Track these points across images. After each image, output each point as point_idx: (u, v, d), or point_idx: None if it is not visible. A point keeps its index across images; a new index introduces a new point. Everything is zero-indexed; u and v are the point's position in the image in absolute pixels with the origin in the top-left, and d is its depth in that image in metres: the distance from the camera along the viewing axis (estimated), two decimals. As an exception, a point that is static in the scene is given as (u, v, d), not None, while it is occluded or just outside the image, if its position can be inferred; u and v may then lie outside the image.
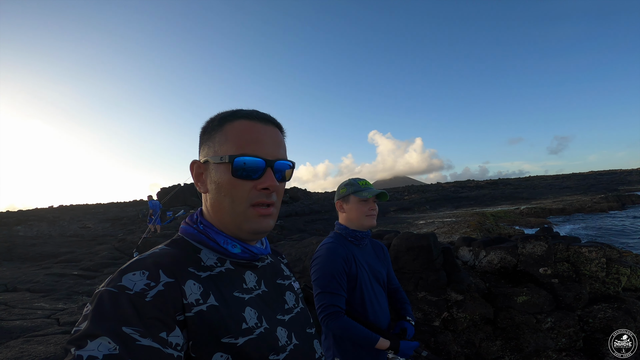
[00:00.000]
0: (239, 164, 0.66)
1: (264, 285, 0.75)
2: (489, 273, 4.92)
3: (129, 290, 0.53)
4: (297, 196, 37.04)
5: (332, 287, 1.48)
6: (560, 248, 4.91)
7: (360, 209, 1.64)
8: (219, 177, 0.68)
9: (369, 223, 1.65)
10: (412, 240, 4.48)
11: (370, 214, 1.64)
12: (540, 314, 3.73)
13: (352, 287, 1.56)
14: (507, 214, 21.39)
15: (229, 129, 0.69)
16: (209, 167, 0.71)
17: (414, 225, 18.58)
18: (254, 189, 0.68)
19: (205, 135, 0.73)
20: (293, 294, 0.83)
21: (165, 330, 0.53)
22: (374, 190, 1.64)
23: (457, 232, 14.23)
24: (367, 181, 1.71)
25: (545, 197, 34.77)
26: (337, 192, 1.75)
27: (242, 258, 0.73)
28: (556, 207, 24.38)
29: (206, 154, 0.72)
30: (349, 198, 1.68)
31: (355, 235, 1.66)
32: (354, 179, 1.71)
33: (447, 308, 3.48)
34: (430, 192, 46.49)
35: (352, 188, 1.67)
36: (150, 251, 0.64)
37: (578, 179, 64.00)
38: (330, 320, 1.44)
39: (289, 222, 18.41)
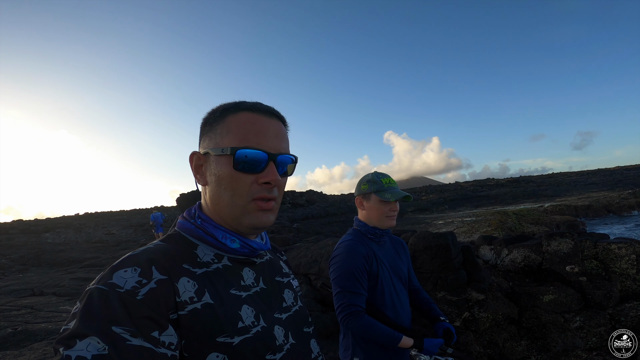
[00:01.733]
0: (241, 156, 0.64)
1: (262, 282, 0.73)
2: (512, 272, 4.75)
3: (120, 289, 0.51)
4: (313, 199, 37.07)
5: (352, 286, 1.43)
6: (588, 245, 4.69)
7: (381, 209, 1.57)
8: (219, 170, 0.66)
9: (389, 224, 1.59)
10: (429, 239, 4.38)
11: (391, 214, 1.58)
12: (568, 313, 3.56)
13: (373, 285, 1.51)
14: (530, 212, 20.66)
15: (231, 120, 0.67)
16: (209, 159, 0.69)
17: (433, 225, 18.22)
18: (255, 182, 0.66)
19: (207, 126, 0.71)
20: (292, 291, 0.80)
21: (158, 330, 0.51)
22: (398, 193, 1.56)
23: (478, 232, 13.86)
24: (390, 178, 1.62)
25: (570, 194, 33.41)
26: (358, 187, 1.67)
27: (241, 253, 0.71)
28: (582, 204, 23.37)
29: (206, 145, 0.70)
30: (370, 196, 1.60)
31: (375, 233, 1.60)
32: (377, 175, 1.62)
33: (468, 308, 3.37)
34: (448, 192, 45.53)
35: (374, 186, 1.59)
36: (144, 247, 0.62)
37: (604, 174, 61.28)
38: (350, 320, 1.40)
39: (306, 225, 18.42)
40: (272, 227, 13.84)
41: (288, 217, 23.47)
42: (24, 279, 7.90)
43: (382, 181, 1.59)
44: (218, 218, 0.70)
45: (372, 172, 1.69)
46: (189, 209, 0.74)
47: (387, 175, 1.63)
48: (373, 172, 1.66)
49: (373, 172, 1.66)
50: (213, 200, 0.69)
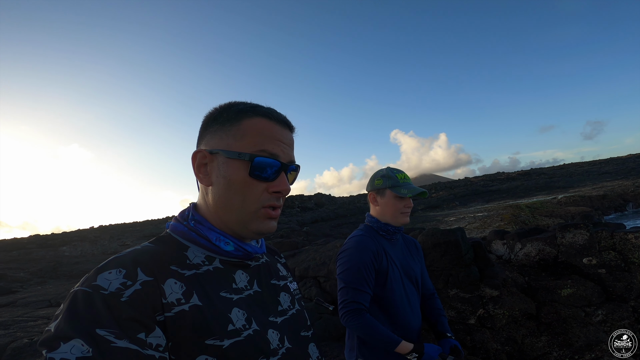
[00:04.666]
0: (258, 164, 0.65)
1: (256, 285, 0.71)
2: (527, 266, 4.63)
3: (104, 290, 0.51)
4: (321, 202, 37.04)
5: (357, 283, 1.38)
6: (604, 236, 4.55)
7: (395, 205, 1.52)
8: (232, 173, 0.66)
9: (403, 220, 1.54)
10: (438, 236, 4.30)
11: (405, 211, 1.53)
12: (588, 306, 3.44)
13: (381, 283, 1.45)
14: (543, 205, 20.23)
15: (247, 125, 0.67)
16: (217, 159, 0.67)
17: (444, 223, 17.98)
18: (266, 191, 0.67)
19: (215, 124, 0.69)
20: (288, 295, 0.78)
21: (144, 331, 0.50)
22: (414, 189, 1.51)
23: (490, 227, 13.62)
24: (405, 174, 1.57)
25: (583, 184, 32.67)
26: (371, 182, 1.61)
27: (234, 256, 0.69)
28: (596, 194, 22.80)
29: (215, 145, 0.68)
30: (384, 192, 1.55)
31: (387, 229, 1.55)
32: (391, 171, 1.57)
33: (482, 305, 3.28)
34: (458, 188, 44.98)
35: (389, 182, 1.54)
36: (131, 248, 0.61)
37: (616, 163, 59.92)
38: (349, 318, 1.36)
39: (315, 228, 18.39)
40: (282, 231, 13.90)
41: (297, 221, 23.48)
42: (42, 291, 8.04)
43: (398, 176, 1.54)
44: (217, 219, 0.68)
45: (385, 167, 1.63)
46: (182, 211, 0.72)
47: (401, 171, 1.58)
48: (387, 167, 1.61)
49: (387, 167, 1.61)
50: (219, 203, 0.68)
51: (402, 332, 1.42)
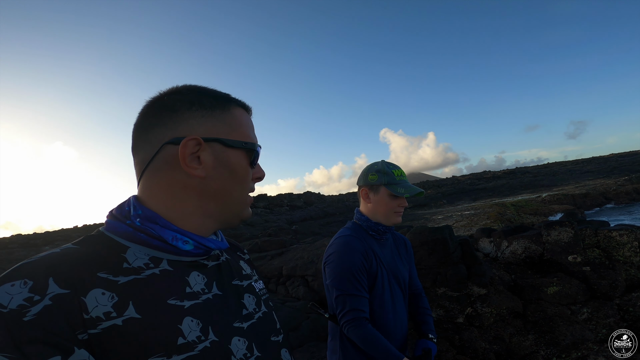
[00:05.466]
0: (257, 153, 0.66)
1: (215, 287, 0.62)
2: (513, 264, 4.65)
3: (3, 308, 0.41)
4: (310, 200, 36.99)
5: (353, 288, 1.29)
6: (588, 233, 4.61)
7: (389, 204, 1.41)
8: (236, 164, 0.63)
9: (395, 220, 1.44)
10: (425, 234, 4.27)
11: (399, 210, 1.43)
12: (574, 304, 3.46)
13: (370, 286, 1.37)
14: (528, 203, 20.65)
15: (238, 113, 0.66)
16: (214, 147, 0.61)
17: (432, 221, 18.15)
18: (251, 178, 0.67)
19: (201, 109, 0.61)
20: (253, 296, 0.69)
21: (59, 355, 0.41)
22: (412, 188, 1.40)
23: (477, 225, 13.79)
24: (401, 170, 1.45)
25: (566, 183, 33.52)
26: (364, 176, 1.48)
27: (194, 255, 0.60)
28: (579, 192, 23.41)
29: (209, 132, 0.61)
30: (378, 189, 1.42)
31: (377, 229, 1.44)
32: (387, 166, 1.44)
33: (470, 303, 3.26)
34: (446, 187, 45.61)
35: (385, 178, 1.41)
36: (46, 252, 0.51)
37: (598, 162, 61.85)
38: (351, 328, 1.26)
39: (304, 227, 18.31)
40: (270, 229, 13.80)
41: (286, 220, 23.37)
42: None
43: (394, 173, 1.42)
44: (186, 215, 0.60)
45: (380, 160, 1.50)
46: (120, 206, 0.61)
47: (397, 167, 1.45)
48: (382, 162, 1.48)
49: (382, 162, 1.48)
50: (218, 195, 0.62)
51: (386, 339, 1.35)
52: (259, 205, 31.00)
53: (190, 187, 0.60)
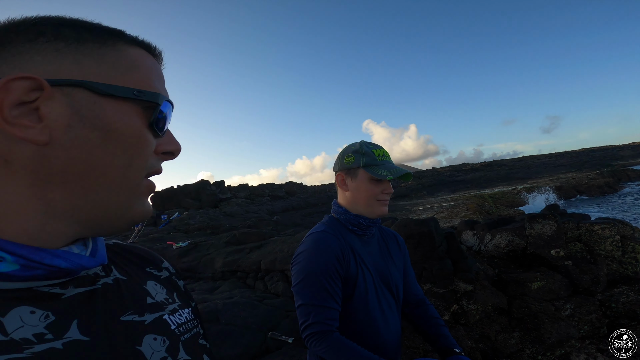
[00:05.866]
0: (163, 111, 0.43)
1: (76, 329, 0.35)
2: (496, 258, 4.60)
3: None
4: (293, 191, 36.75)
5: (319, 298, 1.04)
6: (571, 227, 4.60)
7: (371, 190, 1.15)
8: (117, 121, 0.38)
9: (380, 211, 1.17)
10: (411, 227, 4.12)
11: (383, 198, 1.17)
12: (557, 300, 3.41)
13: (348, 294, 1.12)
14: (505, 195, 21.21)
15: (131, 53, 0.41)
16: (73, 96, 0.35)
17: (413, 212, 18.33)
18: (154, 152, 0.43)
19: (60, 41, 0.37)
20: (164, 338, 0.42)
21: None
22: (396, 169, 1.14)
23: (457, 216, 13.98)
24: (384, 150, 1.19)
25: (540, 175, 34.74)
26: (340, 160, 1.22)
27: (24, 279, 0.34)
28: (553, 185, 24.25)
29: (65, 71, 0.35)
30: (356, 172, 1.17)
31: (359, 223, 1.18)
32: (366, 145, 1.19)
33: (456, 300, 3.15)
34: (426, 178, 46.39)
35: (363, 159, 1.16)
36: None
37: (571, 156, 64.75)
38: (314, 342, 1.03)
39: (285, 217, 18.06)
40: (250, 220, 13.46)
41: (267, 210, 23.02)
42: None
43: (375, 153, 1.16)
44: (10, 210, 0.34)
45: (359, 141, 1.23)
46: None
47: (379, 146, 1.20)
48: (361, 141, 1.22)
49: (361, 141, 1.22)
50: (74, 174, 0.36)
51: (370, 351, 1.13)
52: (240, 195, 30.45)
53: (13, 160, 0.34)
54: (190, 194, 27.42)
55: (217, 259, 5.95)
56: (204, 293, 4.06)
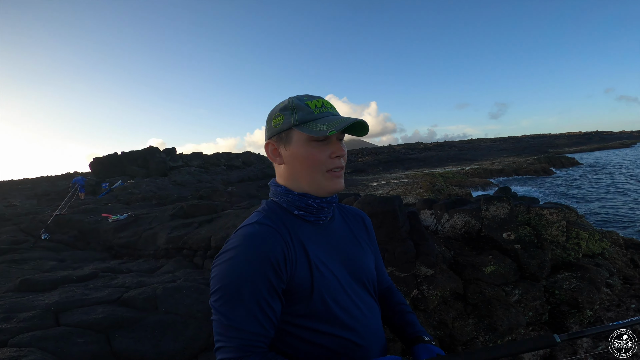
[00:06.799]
0: None
1: None
2: (452, 239, 4.63)
3: None
4: (250, 161, 35.68)
5: (238, 318, 0.75)
6: (522, 210, 4.74)
7: (313, 156, 0.82)
8: None
9: (333, 185, 0.85)
10: (375, 205, 3.91)
11: (333, 165, 0.84)
12: (507, 285, 3.48)
13: (304, 297, 0.82)
14: (454, 175, 22.38)
15: None
16: None
17: (369, 187, 18.67)
18: None
19: None
20: None
21: None
22: (341, 120, 0.80)
23: (411, 194, 14.42)
24: (323, 100, 0.86)
25: (485, 158, 37.29)
26: (268, 124, 0.89)
27: None
28: (496, 167, 26.11)
29: None
30: (289, 135, 0.84)
31: (307, 205, 0.86)
32: (297, 98, 0.86)
33: (417, 285, 3.05)
34: (382, 154, 47.63)
35: (295, 115, 0.83)
36: None
37: (513, 141, 70.40)
38: None
39: (240, 188, 17.41)
40: (202, 191, 12.71)
41: (222, 180, 22.05)
42: None
43: (309, 105, 0.83)
44: None
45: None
46: None
47: (316, 96, 0.87)
48: (292, 97, 0.87)
49: (292, 97, 0.87)
50: None
51: None
52: (193, 164, 28.83)
53: None
54: (137, 161, 25.35)
55: (161, 234, 5.39)
56: (142, 275, 3.59)
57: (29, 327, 2.36)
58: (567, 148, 54.76)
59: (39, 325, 2.41)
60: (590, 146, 59.46)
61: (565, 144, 63.89)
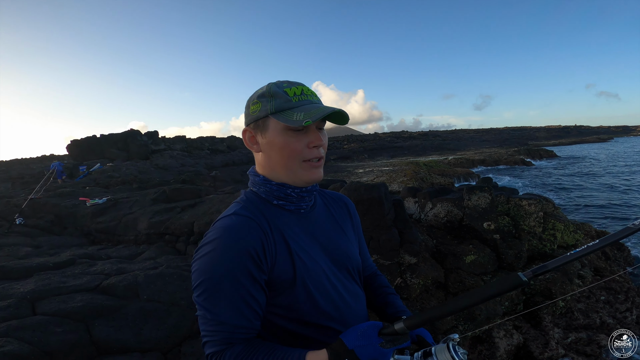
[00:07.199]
0: None
1: None
2: (435, 228, 4.72)
3: None
4: (235, 145, 35.13)
5: (221, 312, 0.76)
6: (502, 200, 4.86)
7: (289, 145, 0.81)
8: None
9: (309, 175, 0.83)
10: (361, 192, 3.92)
11: (310, 155, 0.82)
12: (485, 274, 3.59)
13: (287, 292, 0.82)
14: (437, 164, 22.74)
15: None
16: None
17: (354, 174, 18.76)
18: None
19: None
20: None
21: None
22: (319, 109, 0.79)
23: (395, 181, 14.59)
24: (303, 87, 0.84)
25: (468, 148, 38.06)
26: (246, 110, 0.87)
27: None
28: (478, 158, 26.68)
29: None
30: (266, 123, 0.82)
31: (286, 195, 0.86)
32: (276, 85, 0.83)
33: (400, 273, 3.11)
34: (368, 142, 47.85)
35: (272, 103, 0.80)
36: None
37: (495, 133, 72.13)
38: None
39: (225, 173, 17.16)
40: (185, 175, 12.45)
41: (206, 164, 21.64)
42: None
43: (287, 92, 0.81)
44: None
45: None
46: None
47: (296, 83, 0.85)
48: (270, 82, 0.85)
49: (270, 82, 0.85)
50: None
51: None
52: (176, 147, 28.12)
53: None
54: (117, 144, 24.52)
55: (142, 219, 5.25)
56: (122, 261, 3.50)
57: (4, 316, 2.28)
58: (546, 141, 56.62)
59: (15, 315, 2.32)
60: (569, 140, 61.69)
61: (545, 137, 66.06)
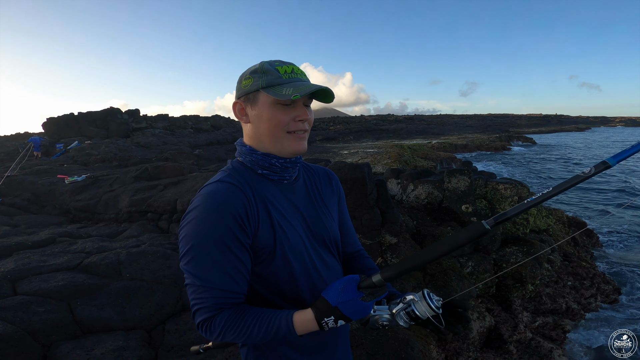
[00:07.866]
0: None
1: None
2: (415, 209, 4.86)
3: None
4: (219, 124, 34.35)
5: (210, 277, 0.79)
6: (480, 184, 5.03)
7: (276, 117, 0.85)
8: None
9: (294, 147, 0.88)
10: (345, 171, 3.96)
11: (295, 128, 0.87)
12: (462, 256, 3.75)
13: (267, 261, 0.85)
14: (421, 147, 23.05)
15: None
16: None
17: (339, 155, 18.82)
18: None
19: None
20: None
21: None
22: (306, 86, 0.84)
23: (380, 163, 14.75)
24: (294, 66, 0.89)
25: (451, 133, 38.62)
26: (238, 85, 0.92)
27: None
28: (460, 142, 27.17)
29: None
30: (257, 97, 0.87)
31: (270, 165, 0.90)
32: (268, 63, 0.88)
33: (381, 253, 3.22)
34: (354, 124, 47.79)
35: (263, 79, 0.85)
36: None
37: (478, 119, 73.37)
38: (207, 330, 0.82)
39: (209, 151, 16.86)
40: (167, 153, 12.15)
41: (189, 143, 21.14)
42: None
43: (279, 70, 0.86)
44: None
45: None
46: None
47: (287, 62, 0.90)
48: (263, 61, 0.91)
49: (263, 61, 0.91)
50: None
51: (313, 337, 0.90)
52: (158, 126, 27.25)
53: None
54: (96, 122, 23.54)
55: (123, 196, 5.15)
56: (104, 240, 3.46)
57: (-17, 296, 2.25)
58: (527, 128, 58.09)
59: (-5, 295, 2.29)
60: (548, 128, 63.46)
61: (526, 124, 67.71)
